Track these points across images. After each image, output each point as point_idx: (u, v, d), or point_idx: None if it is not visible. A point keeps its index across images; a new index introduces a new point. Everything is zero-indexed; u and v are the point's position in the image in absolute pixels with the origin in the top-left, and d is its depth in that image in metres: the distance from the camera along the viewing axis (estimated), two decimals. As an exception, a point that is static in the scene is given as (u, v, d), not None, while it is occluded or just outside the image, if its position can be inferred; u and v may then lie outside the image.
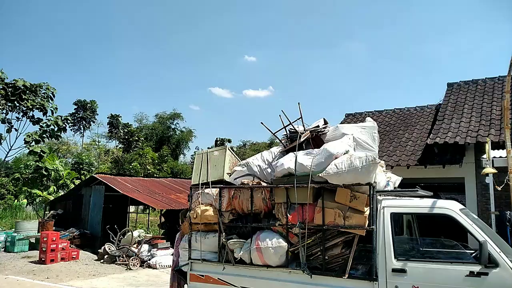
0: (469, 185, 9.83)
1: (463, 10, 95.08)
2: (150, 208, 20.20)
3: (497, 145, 8.84)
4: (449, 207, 4.27)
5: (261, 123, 5.86)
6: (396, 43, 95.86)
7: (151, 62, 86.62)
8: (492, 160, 7.30)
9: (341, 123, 12.91)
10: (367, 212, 4.31)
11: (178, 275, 5.77)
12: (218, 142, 44.03)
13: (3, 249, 13.87)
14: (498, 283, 3.74)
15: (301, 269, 4.57)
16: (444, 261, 4.20)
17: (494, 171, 6.88)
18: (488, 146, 7.21)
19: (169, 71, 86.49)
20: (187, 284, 5.54)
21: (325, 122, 5.68)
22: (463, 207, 4.56)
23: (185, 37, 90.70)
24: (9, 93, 18.55)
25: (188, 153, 48.81)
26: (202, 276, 5.30)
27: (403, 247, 4.80)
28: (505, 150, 6.68)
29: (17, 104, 19.01)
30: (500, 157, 7.64)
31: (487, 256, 3.79)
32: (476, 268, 3.86)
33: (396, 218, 4.65)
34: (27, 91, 19.19)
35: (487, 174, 6.93)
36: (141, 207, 24.73)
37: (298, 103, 5.52)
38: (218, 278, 5.16)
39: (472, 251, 4.60)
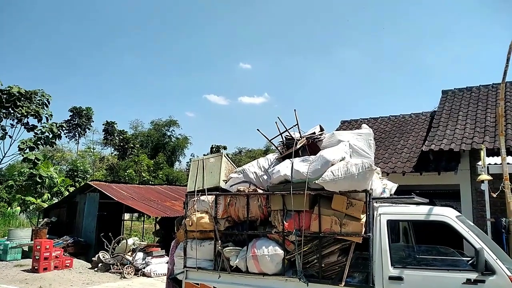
0: (464, 192, 9.86)
1: (458, 17, 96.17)
2: (145, 216, 20.08)
3: (492, 152, 8.89)
4: (446, 214, 4.27)
5: (257, 130, 5.87)
6: (391, 50, 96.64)
7: (146, 69, 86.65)
8: (487, 167, 7.33)
9: (337, 130, 12.95)
10: (364, 219, 4.30)
11: (173, 283, 5.71)
12: (214, 149, 43.93)
13: (-5, 258, 13.69)
14: (495, 291, 3.73)
15: (297, 277, 4.53)
16: (441, 268, 4.19)
17: (490, 178, 6.91)
18: (483, 153, 7.24)
19: (164, 78, 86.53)
20: (182, 292, 5.48)
21: (321, 129, 5.68)
22: (459, 214, 4.56)
23: (180, 44, 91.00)
24: (3, 100, 18.44)
25: (183, 160, 48.76)
26: (198, 284, 5.25)
27: (400, 254, 4.79)
28: (500, 157, 6.71)
29: (12, 111, 18.89)
30: (495, 164, 7.68)
31: (483, 263, 3.78)
32: (473, 276, 3.84)
33: (393, 225, 4.65)
34: (22, 98, 19.08)
35: (482, 181, 6.95)
36: (136, 214, 24.53)
37: (294, 110, 5.54)
38: (213, 287, 5.11)
39: (469, 259, 4.60)
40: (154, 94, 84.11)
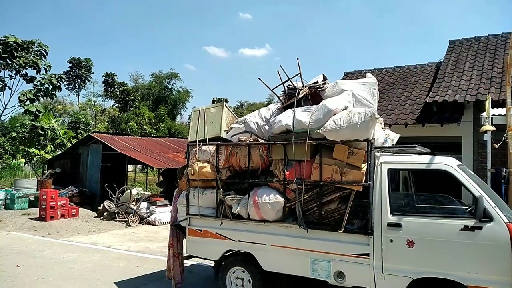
0: (466, 143, 9.87)
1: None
2: (149, 168, 20.35)
3: (496, 104, 8.78)
4: (447, 163, 4.26)
5: (259, 79, 5.74)
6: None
7: (143, 20, 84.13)
8: (491, 118, 7.27)
9: (340, 81, 12.71)
10: (364, 168, 4.30)
11: (177, 230, 5.87)
12: (215, 102, 43.60)
13: (3, 206, 14.07)
14: (491, 237, 3.79)
15: (297, 223, 4.62)
16: (439, 215, 4.24)
17: (493, 128, 6.87)
18: (488, 103, 7.14)
19: (162, 30, 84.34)
20: (185, 238, 5.64)
21: (324, 78, 5.55)
22: (460, 163, 4.56)
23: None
24: (0, 51, 18.08)
25: (185, 113, 48.48)
26: (200, 230, 5.39)
27: (399, 202, 4.85)
28: (504, 108, 6.63)
29: (9, 62, 18.56)
30: (500, 114, 7.60)
31: (482, 210, 3.81)
32: (471, 222, 3.89)
33: (393, 174, 4.66)
34: (19, 48, 18.67)
35: (485, 132, 6.92)
36: (139, 166, 24.89)
37: (297, 58, 5.37)
38: (216, 233, 5.25)
39: (467, 207, 4.66)
40: (152, 46, 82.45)
